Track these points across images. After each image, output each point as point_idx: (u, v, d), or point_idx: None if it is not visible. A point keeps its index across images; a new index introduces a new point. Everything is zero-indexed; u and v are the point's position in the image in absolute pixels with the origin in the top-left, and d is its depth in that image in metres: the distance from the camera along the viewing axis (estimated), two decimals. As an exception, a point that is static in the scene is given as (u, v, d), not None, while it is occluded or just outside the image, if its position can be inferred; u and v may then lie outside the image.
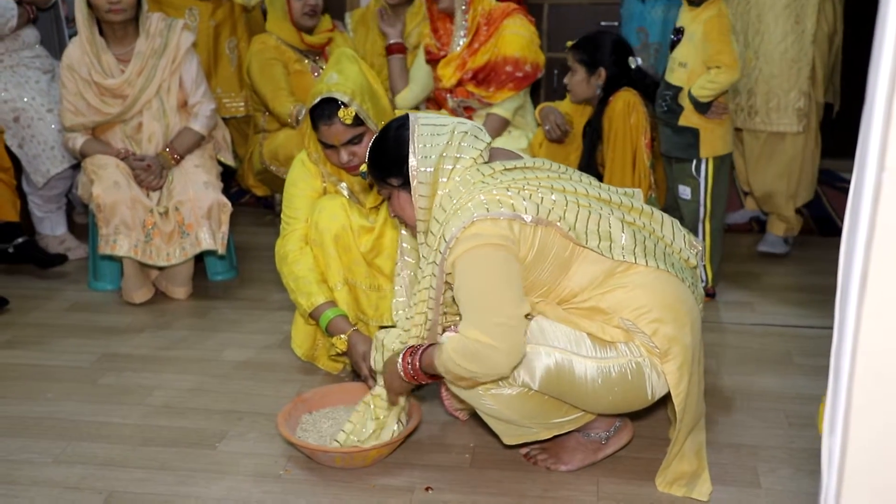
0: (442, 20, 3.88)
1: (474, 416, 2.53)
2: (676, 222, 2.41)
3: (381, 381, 2.48)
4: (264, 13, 4.67)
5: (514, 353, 2.09)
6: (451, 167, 2.22)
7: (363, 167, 2.38)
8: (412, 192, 2.25)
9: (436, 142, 2.23)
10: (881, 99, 0.89)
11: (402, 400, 2.47)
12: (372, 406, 2.49)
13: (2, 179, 3.86)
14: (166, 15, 3.84)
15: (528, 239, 2.14)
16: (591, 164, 3.51)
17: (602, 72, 3.45)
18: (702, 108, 3.35)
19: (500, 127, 3.82)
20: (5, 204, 3.88)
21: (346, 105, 2.71)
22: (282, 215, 3.02)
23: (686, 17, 3.40)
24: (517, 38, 3.73)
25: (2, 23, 4.02)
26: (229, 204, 3.65)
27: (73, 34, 3.77)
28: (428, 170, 2.22)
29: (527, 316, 2.13)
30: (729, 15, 3.35)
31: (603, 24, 5.05)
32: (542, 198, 2.17)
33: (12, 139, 4.02)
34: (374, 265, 2.91)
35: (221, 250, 3.64)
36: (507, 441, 2.40)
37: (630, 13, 4.45)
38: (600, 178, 3.47)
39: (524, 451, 2.51)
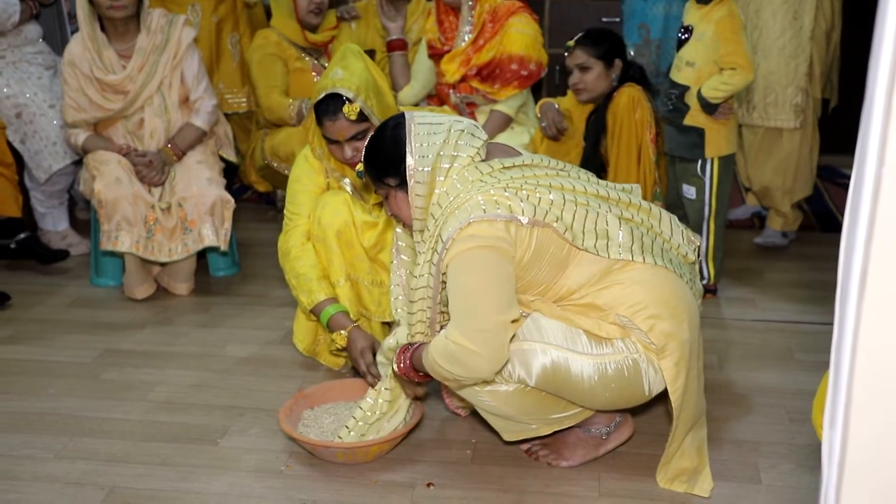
0: (447, 13, 3.87)
1: (475, 412, 2.53)
2: (675, 218, 2.41)
3: (386, 383, 2.50)
4: (266, 9, 4.67)
5: (495, 359, 2.09)
6: (448, 166, 2.22)
7: (359, 167, 2.37)
8: (409, 192, 2.25)
9: (433, 140, 2.23)
10: (881, 94, 0.88)
11: (419, 390, 2.48)
12: (380, 401, 2.49)
13: (4, 175, 3.87)
14: (168, 11, 3.84)
15: (524, 240, 2.14)
16: (594, 158, 3.50)
17: (619, 63, 3.43)
18: (710, 108, 3.35)
19: (503, 124, 3.82)
20: (7, 199, 3.88)
21: (350, 101, 2.71)
22: (285, 211, 3.03)
23: (694, 16, 3.39)
24: (523, 37, 3.73)
25: (4, 18, 4.02)
26: (232, 200, 3.66)
27: (75, 30, 3.77)
28: (425, 169, 2.21)
29: (514, 321, 2.13)
30: (739, 14, 3.34)
31: (604, 20, 5.04)
32: (540, 198, 2.16)
33: (14, 135, 4.02)
34: (377, 260, 2.91)
35: (224, 247, 3.65)
36: (507, 438, 2.40)
37: (631, 9, 4.44)
38: (604, 169, 3.47)
39: (525, 446, 2.52)
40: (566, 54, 3.45)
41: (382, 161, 2.27)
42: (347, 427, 2.48)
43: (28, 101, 4.05)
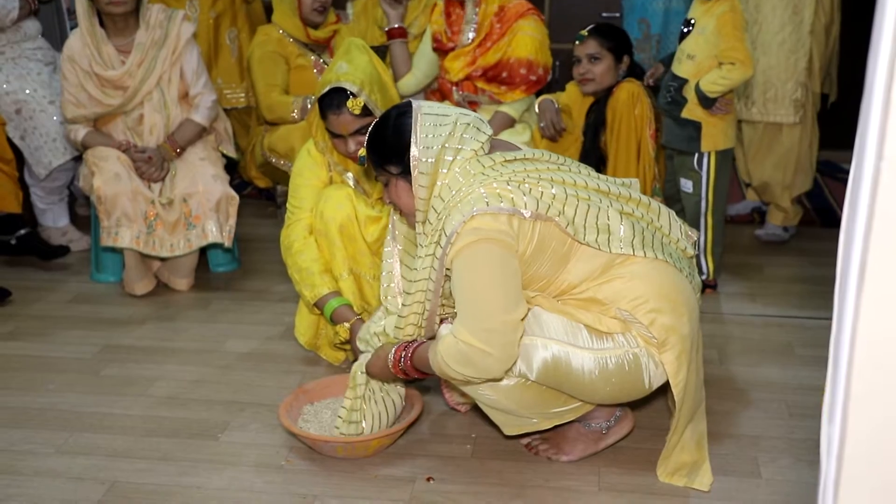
0: (454, 5, 3.84)
1: (475, 407, 2.54)
2: (672, 213, 2.41)
3: (362, 367, 2.48)
4: (265, 5, 4.66)
5: (506, 358, 2.10)
6: (451, 158, 2.21)
7: (361, 151, 2.37)
8: (412, 182, 2.25)
9: (438, 132, 2.22)
10: (879, 88, 0.88)
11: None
12: (358, 383, 2.47)
13: (4, 171, 3.87)
14: (167, 6, 3.84)
15: (527, 234, 2.14)
16: (593, 151, 3.51)
17: (627, 59, 3.44)
18: (707, 102, 3.35)
19: (506, 125, 3.80)
20: (7, 195, 3.89)
21: (354, 95, 2.72)
22: (287, 205, 3.03)
23: (698, 10, 3.40)
24: (531, 41, 3.70)
25: (3, 14, 4.02)
26: (237, 197, 3.67)
27: (74, 26, 3.78)
28: (429, 160, 2.21)
29: (523, 319, 2.14)
30: (742, 10, 3.34)
31: (604, 15, 5.05)
32: (542, 192, 2.17)
33: (14, 131, 4.02)
34: (379, 255, 2.90)
35: (228, 243, 3.66)
36: (508, 432, 2.40)
37: (632, 4, 4.44)
38: (603, 162, 3.47)
39: (525, 441, 2.52)
40: (577, 43, 3.45)
41: (386, 149, 2.27)
42: (338, 427, 2.49)
43: (28, 97, 4.05)
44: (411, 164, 2.22)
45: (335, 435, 2.49)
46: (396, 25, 4.05)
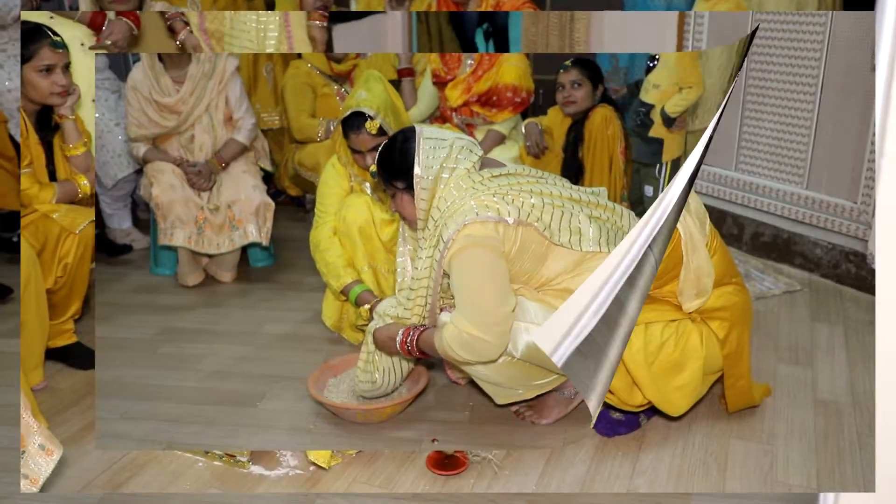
0: None
1: (472, 381, 2.57)
2: (633, 214, 2.45)
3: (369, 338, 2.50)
4: (267, 5, 4.65)
5: (501, 344, 2.15)
6: (448, 176, 2.26)
7: (373, 167, 2.41)
8: (415, 196, 2.29)
9: (437, 154, 2.27)
10: (879, 86, 0.86)
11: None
12: (369, 349, 2.51)
13: (5, 168, 3.45)
14: (170, 4, 3.85)
15: (510, 237, 2.18)
16: (573, 164, 3.54)
17: (601, 87, 3.50)
18: (669, 122, 3.42)
19: (499, 141, 3.84)
20: (9, 193, 3.49)
21: (372, 118, 2.76)
22: (315, 209, 3.07)
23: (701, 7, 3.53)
24: (516, 69, 3.75)
25: (5, 11, 3.84)
26: (273, 204, 3.71)
27: (136, 61, 3.80)
28: (430, 178, 2.26)
29: (513, 311, 2.18)
30: None
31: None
32: (523, 202, 2.21)
33: (17, 129, 3.85)
34: (393, 252, 2.94)
35: (266, 242, 3.71)
36: (499, 401, 2.44)
37: (633, 5, 4.48)
38: (581, 173, 3.50)
39: (514, 408, 2.55)
40: (562, 71, 3.49)
41: (393, 168, 2.31)
42: (357, 377, 2.51)
43: (97, 120, 4.08)
44: (414, 181, 2.27)
45: (356, 391, 2.53)
46: (405, 67, 4.10)
